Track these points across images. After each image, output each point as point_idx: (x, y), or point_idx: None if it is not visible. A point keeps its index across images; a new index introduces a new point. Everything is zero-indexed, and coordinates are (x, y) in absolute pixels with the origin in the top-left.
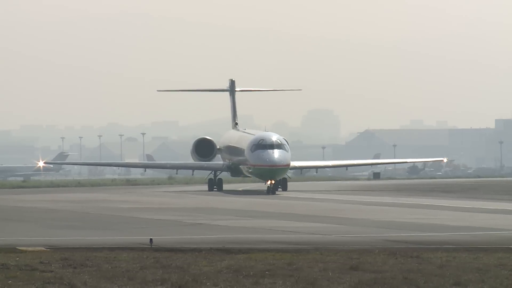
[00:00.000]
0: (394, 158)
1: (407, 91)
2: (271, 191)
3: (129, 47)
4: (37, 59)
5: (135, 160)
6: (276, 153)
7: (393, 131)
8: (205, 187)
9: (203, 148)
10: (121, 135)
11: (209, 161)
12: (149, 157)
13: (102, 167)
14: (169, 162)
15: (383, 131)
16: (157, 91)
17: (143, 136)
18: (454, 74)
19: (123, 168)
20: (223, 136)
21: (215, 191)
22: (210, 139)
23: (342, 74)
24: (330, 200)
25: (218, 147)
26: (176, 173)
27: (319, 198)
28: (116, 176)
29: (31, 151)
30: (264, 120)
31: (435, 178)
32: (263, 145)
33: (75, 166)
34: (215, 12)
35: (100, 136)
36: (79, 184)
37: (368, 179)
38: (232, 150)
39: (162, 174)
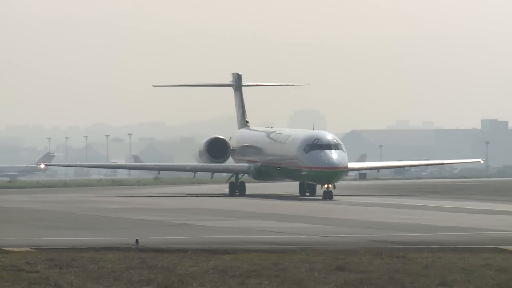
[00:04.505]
0: (380, 159)
1: (393, 92)
2: (328, 195)
3: (117, 48)
4: (23, 59)
5: (122, 161)
6: (335, 154)
7: (379, 131)
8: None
9: (216, 148)
10: (107, 136)
11: (221, 162)
12: (135, 158)
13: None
14: (188, 164)
15: (369, 131)
16: (152, 86)
17: (130, 136)
18: (440, 74)
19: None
20: (236, 135)
21: (237, 195)
22: (223, 138)
23: (328, 75)
24: (316, 200)
25: (231, 147)
26: (194, 176)
27: (311, 199)
28: (102, 177)
29: (17, 151)
30: (250, 120)
31: (421, 178)
32: (319, 145)
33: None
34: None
35: (86, 136)
36: (65, 185)
37: (354, 179)
38: (259, 151)
39: (148, 175)
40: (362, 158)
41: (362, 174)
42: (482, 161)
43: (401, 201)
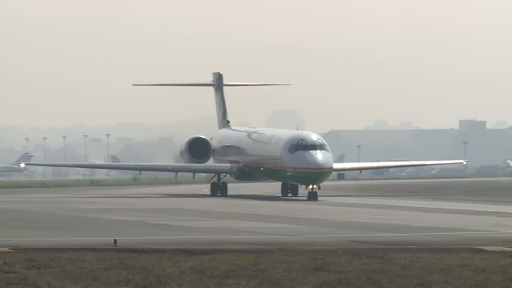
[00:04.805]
0: (358, 159)
1: (371, 92)
2: (313, 196)
3: (96, 48)
4: (1, 59)
5: (100, 161)
6: (320, 155)
7: (358, 131)
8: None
9: (197, 148)
10: (85, 136)
11: (202, 162)
12: (114, 158)
13: (67, 167)
14: (170, 164)
15: (348, 131)
16: (133, 85)
17: (108, 137)
18: (418, 75)
19: (87, 168)
20: (217, 135)
21: (218, 196)
22: (205, 138)
23: (306, 76)
24: (299, 201)
25: (213, 147)
26: (175, 176)
27: (294, 199)
28: (80, 177)
29: None
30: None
31: (399, 178)
32: (303, 146)
33: (39, 167)
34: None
35: (64, 137)
36: (43, 185)
37: (332, 179)
38: (242, 151)
39: (126, 175)
40: (340, 159)
41: (341, 174)
42: (465, 162)
43: (379, 201)
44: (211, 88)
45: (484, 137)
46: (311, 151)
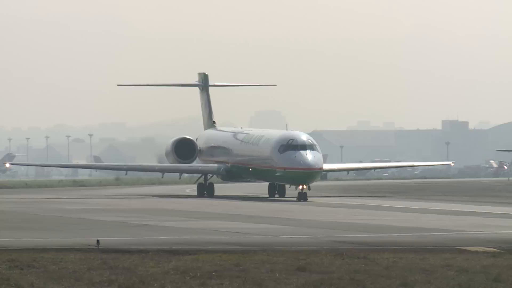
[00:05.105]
0: (341, 159)
1: (354, 92)
2: (302, 197)
3: (79, 48)
4: None
5: (83, 162)
6: (310, 155)
7: (341, 132)
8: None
9: (183, 148)
10: (68, 136)
11: (188, 163)
12: (96, 158)
13: (49, 168)
14: (157, 164)
15: (331, 132)
16: (117, 85)
17: (91, 137)
18: (401, 75)
19: (70, 169)
20: (203, 136)
21: (205, 196)
22: (191, 138)
23: (289, 76)
24: (277, 201)
25: (199, 148)
26: (162, 177)
27: (274, 200)
28: (63, 177)
29: None
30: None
31: (381, 179)
32: (293, 146)
33: (22, 167)
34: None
35: (47, 137)
36: (26, 185)
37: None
38: (229, 152)
39: (109, 175)
40: (323, 159)
41: (323, 174)
42: (453, 164)
43: (363, 201)
44: (196, 89)
45: (467, 137)
46: (301, 151)
